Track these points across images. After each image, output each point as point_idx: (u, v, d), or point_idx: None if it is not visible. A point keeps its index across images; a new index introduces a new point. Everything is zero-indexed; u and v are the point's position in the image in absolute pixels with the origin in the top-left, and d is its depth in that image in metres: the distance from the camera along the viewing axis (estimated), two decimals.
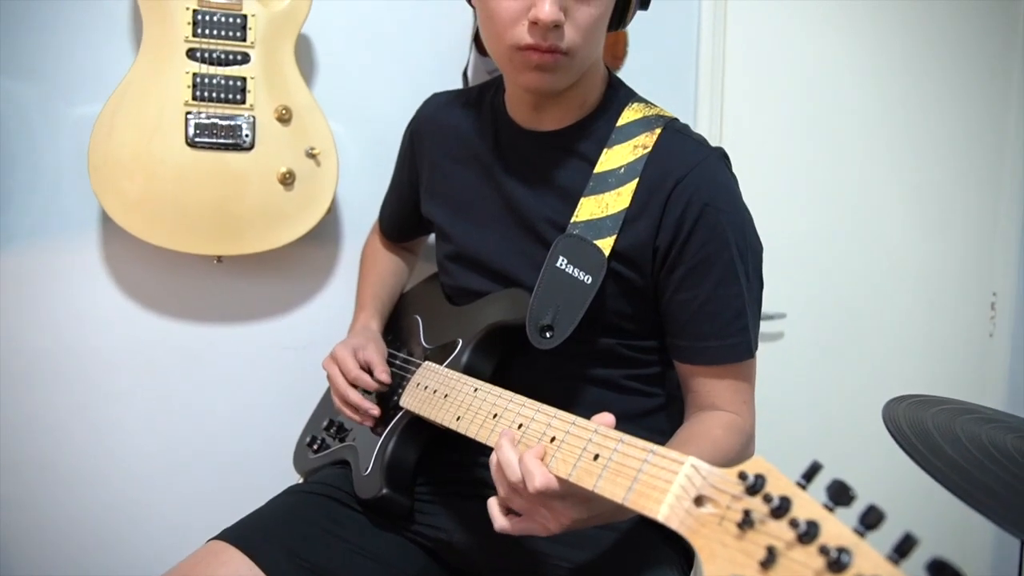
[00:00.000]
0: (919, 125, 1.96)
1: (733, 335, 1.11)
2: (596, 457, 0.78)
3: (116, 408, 1.59)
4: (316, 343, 1.64)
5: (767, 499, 0.61)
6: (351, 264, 1.63)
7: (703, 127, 1.80)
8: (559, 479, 0.81)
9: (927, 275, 2.00)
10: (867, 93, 1.92)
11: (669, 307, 1.13)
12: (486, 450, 1.20)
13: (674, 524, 0.67)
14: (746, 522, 0.62)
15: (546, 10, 0.99)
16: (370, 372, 1.22)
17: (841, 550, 0.55)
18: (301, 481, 1.37)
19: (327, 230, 1.63)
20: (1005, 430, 0.90)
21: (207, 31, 1.42)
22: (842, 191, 1.93)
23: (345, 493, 1.20)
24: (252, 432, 1.65)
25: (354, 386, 1.21)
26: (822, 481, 0.63)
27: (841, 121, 1.91)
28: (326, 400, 1.44)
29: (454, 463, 1.22)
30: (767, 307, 1.84)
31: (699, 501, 0.67)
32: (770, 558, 0.59)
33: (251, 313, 1.63)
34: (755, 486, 0.63)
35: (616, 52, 1.61)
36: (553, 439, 0.85)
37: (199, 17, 1.42)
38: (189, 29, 1.41)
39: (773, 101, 1.87)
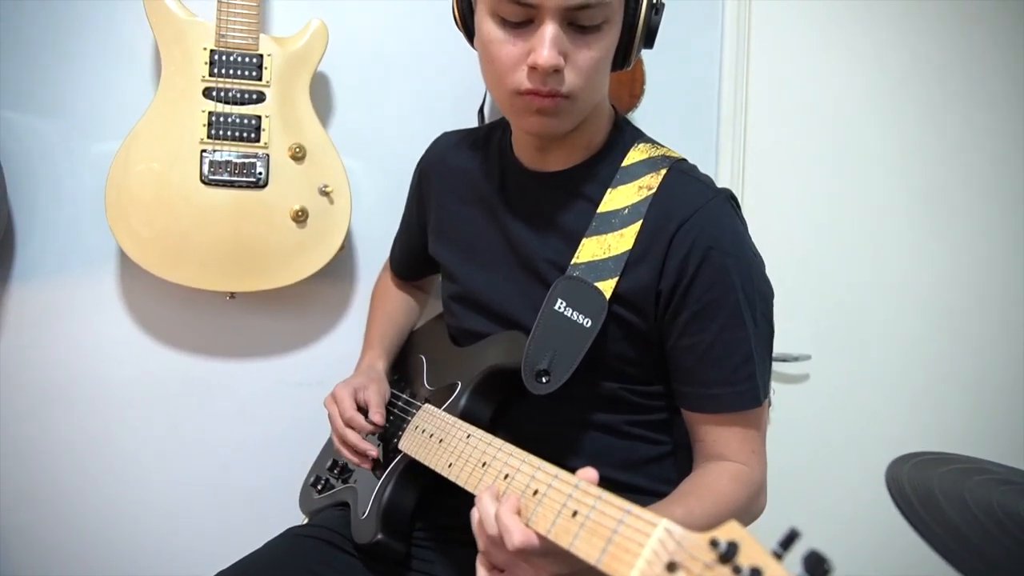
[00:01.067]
0: (949, 165, 1.90)
1: (740, 382, 1.07)
2: (575, 514, 0.75)
3: (129, 441, 1.60)
4: (328, 380, 1.62)
5: (736, 570, 0.58)
6: (364, 301, 1.62)
7: (725, 166, 1.77)
8: (538, 535, 0.79)
9: (959, 315, 1.93)
10: (893, 133, 1.87)
11: (673, 353, 1.10)
12: None
13: None
14: None
15: (544, 55, 0.97)
16: (365, 414, 1.20)
17: None
18: (306, 521, 1.36)
19: (340, 267, 1.63)
20: (1020, 493, 0.84)
21: (224, 71, 1.44)
22: (868, 231, 1.88)
23: (342, 537, 1.19)
24: (262, 468, 1.64)
25: (351, 427, 1.20)
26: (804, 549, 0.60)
27: (869, 161, 1.86)
28: (330, 442, 1.43)
29: (452, 508, 1.19)
30: (792, 348, 1.81)
31: (672, 567, 0.64)
32: None
33: (264, 349, 1.64)
34: (727, 554, 0.60)
35: (633, 91, 1.60)
36: (536, 492, 0.83)
37: (216, 57, 1.44)
38: (206, 69, 1.43)
39: (796, 140, 1.83)
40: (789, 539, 0.61)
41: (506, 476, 0.89)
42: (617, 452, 1.15)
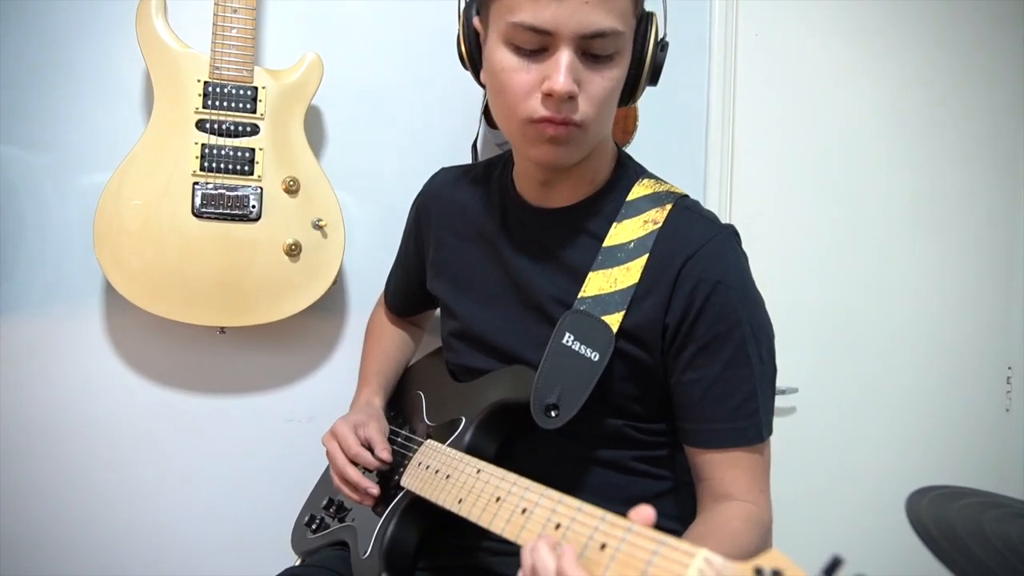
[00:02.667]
0: (933, 198, 1.95)
1: (743, 418, 1.07)
2: (603, 547, 0.74)
3: (115, 480, 1.55)
4: (319, 416, 1.62)
5: None
6: (356, 336, 1.60)
7: (712, 202, 1.79)
8: None
9: (941, 349, 1.97)
10: (880, 167, 1.92)
11: (678, 388, 1.09)
12: (487, 535, 1.16)
13: None
14: None
15: (561, 81, 0.98)
16: (371, 450, 1.18)
17: None
18: (298, 562, 1.33)
19: (333, 302, 1.61)
20: None
21: (217, 103, 1.43)
22: (854, 266, 1.91)
23: None
24: (252, 507, 1.60)
25: (354, 463, 1.17)
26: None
27: (856, 194, 1.91)
28: (326, 478, 1.40)
29: (456, 547, 1.18)
30: (779, 381, 1.82)
31: None
32: None
33: (254, 385, 1.61)
34: None
35: (627, 127, 1.61)
36: (558, 526, 0.81)
37: (209, 89, 1.43)
38: (199, 100, 1.42)
39: (783, 177, 1.87)
40: (833, 566, 0.60)
41: (523, 511, 0.87)
42: (622, 488, 1.14)
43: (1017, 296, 2.00)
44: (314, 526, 1.31)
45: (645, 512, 0.75)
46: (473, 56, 1.12)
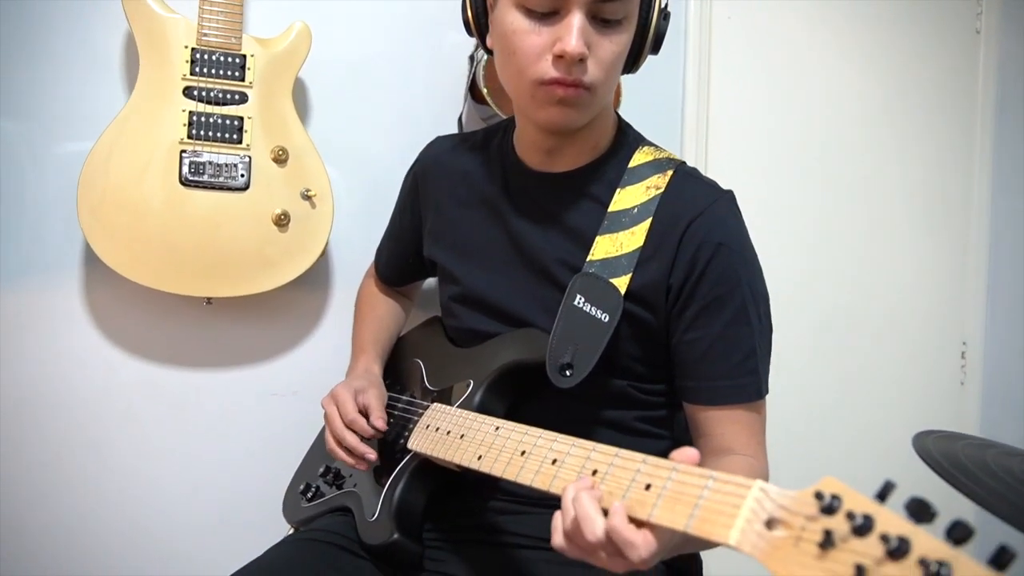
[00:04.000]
0: (895, 184, 2.03)
1: (743, 375, 1.11)
2: (648, 487, 0.76)
3: (97, 456, 1.51)
4: (303, 390, 1.61)
5: (850, 516, 0.60)
6: (342, 310, 1.60)
7: None
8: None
9: (898, 324, 2.05)
10: (850, 152, 1.99)
11: (679, 347, 1.12)
12: (495, 495, 1.18)
13: (746, 548, 0.65)
14: (827, 542, 0.61)
15: (573, 43, 1.00)
16: (367, 418, 1.18)
17: (940, 563, 0.54)
18: (291, 531, 1.32)
19: (319, 275, 1.60)
20: None
21: (205, 70, 1.41)
22: (821, 243, 1.98)
23: (351, 540, 1.15)
24: (237, 480, 1.58)
25: (351, 429, 1.17)
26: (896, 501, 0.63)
27: (822, 176, 1.97)
28: (319, 445, 1.39)
29: (464, 510, 1.19)
30: None
31: (769, 524, 0.66)
32: (860, 575, 0.57)
33: (239, 358, 1.58)
34: (832, 505, 0.62)
35: (613, 105, 1.64)
36: (595, 472, 0.83)
37: (197, 56, 1.40)
38: (187, 67, 1.40)
39: (756, 160, 1.92)
40: (886, 490, 0.64)
41: (554, 461, 0.89)
42: (625, 447, 1.16)
43: (971, 272, 2.10)
44: (309, 494, 1.31)
45: (689, 452, 0.77)
46: (479, 20, 1.13)
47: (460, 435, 1.06)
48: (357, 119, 1.63)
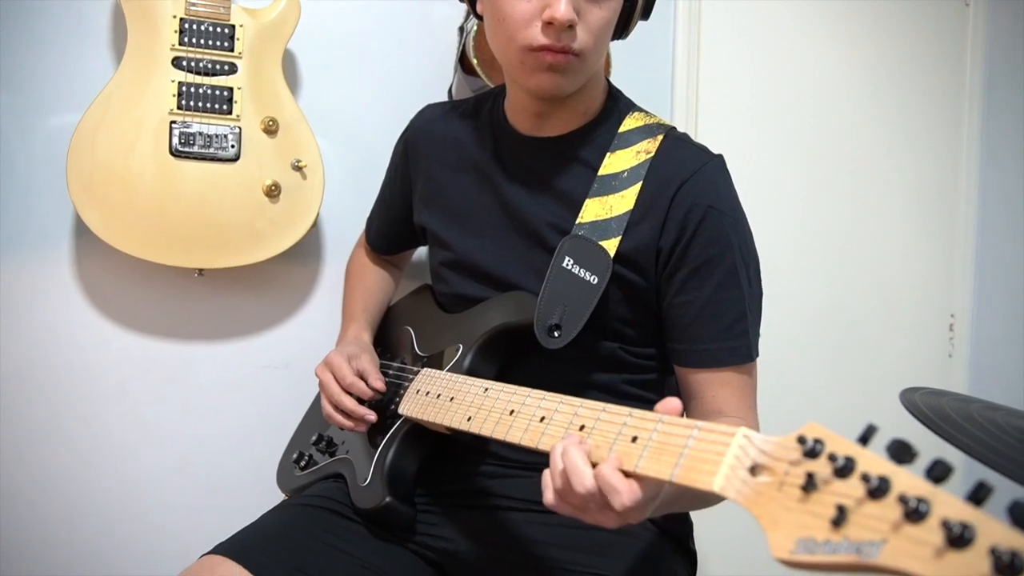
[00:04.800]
0: (885, 154, 2.03)
1: (734, 338, 1.11)
2: (634, 439, 0.77)
3: (89, 429, 1.51)
4: (295, 363, 1.61)
5: (832, 458, 0.61)
6: (333, 282, 1.60)
7: None
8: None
9: (890, 297, 2.06)
10: (832, 114, 1.99)
11: (670, 310, 1.13)
12: (486, 459, 1.19)
13: (730, 494, 0.66)
14: (809, 484, 0.61)
15: (562, 10, 1.00)
16: (365, 381, 1.19)
17: (919, 499, 0.55)
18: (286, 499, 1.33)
19: (310, 247, 1.60)
20: (1015, 416, 0.92)
21: (194, 40, 1.40)
22: (811, 214, 1.98)
23: (344, 506, 1.17)
24: (231, 452, 1.58)
25: (348, 393, 1.18)
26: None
27: (811, 148, 1.97)
28: (312, 415, 1.40)
29: (455, 474, 1.20)
30: None
31: (753, 471, 0.66)
32: (841, 516, 0.58)
33: (231, 330, 1.58)
34: (815, 449, 0.63)
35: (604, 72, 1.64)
36: (582, 427, 0.84)
37: (185, 26, 1.40)
38: (175, 38, 1.39)
39: (747, 128, 1.92)
40: (868, 433, 0.64)
41: (542, 419, 0.90)
42: None
43: (959, 245, 2.10)
44: (303, 463, 1.31)
45: (672, 403, 0.78)
46: None
47: (450, 398, 1.07)
48: (347, 90, 1.63)
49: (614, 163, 1.15)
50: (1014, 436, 0.83)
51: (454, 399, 1.06)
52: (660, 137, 1.15)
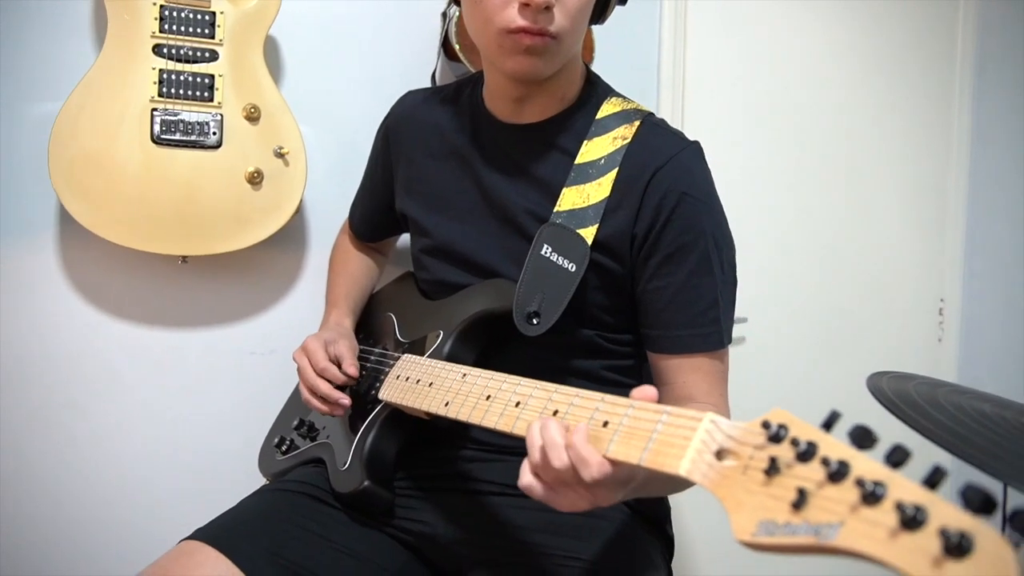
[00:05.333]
0: (874, 138, 2.04)
1: (706, 325, 1.12)
2: (606, 424, 0.78)
3: (75, 416, 1.51)
4: (281, 349, 1.62)
5: (794, 443, 0.62)
6: (317, 269, 1.61)
7: None
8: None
9: (880, 282, 2.07)
10: (827, 104, 1.99)
11: (643, 296, 1.14)
12: (465, 444, 1.20)
13: (696, 477, 0.67)
14: (772, 468, 0.62)
15: None
16: (339, 366, 1.19)
17: (876, 483, 0.56)
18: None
19: (294, 234, 1.60)
20: (980, 400, 0.93)
21: (174, 27, 1.40)
22: (800, 198, 1.99)
23: (322, 490, 1.18)
24: (216, 438, 1.59)
25: (323, 378, 1.19)
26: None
27: (801, 130, 1.98)
28: (294, 400, 1.41)
29: (434, 459, 1.21)
30: None
31: (719, 455, 0.67)
32: (801, 499, 0.59)
33: (216, 317, 1.59)
34: (779, 434, 0.64)
35: (584, 58, 1.63)
36: (556, 412, 0.85)
37: (166, 13, 1.39)
38: (156, 25, 1.39)
39: (732, 106, 1.92)
40: (831, 419, 0.65)
41: (517, 404, 0.90)
42: None
43: (949, 230, 2.11)
44: (284, 447, 1.32)
45: (648, 390, 0.78)
46: None
47: (429, 383, 1.08)
48: (331, 77, 1.62)
49: (591, 150, 1.15)
50: (976, 420, 0.84)
51: (433, 384, 1.07)
52: (637, 123, 1.16)
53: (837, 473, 0.58)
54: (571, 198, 1.13)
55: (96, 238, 1.38)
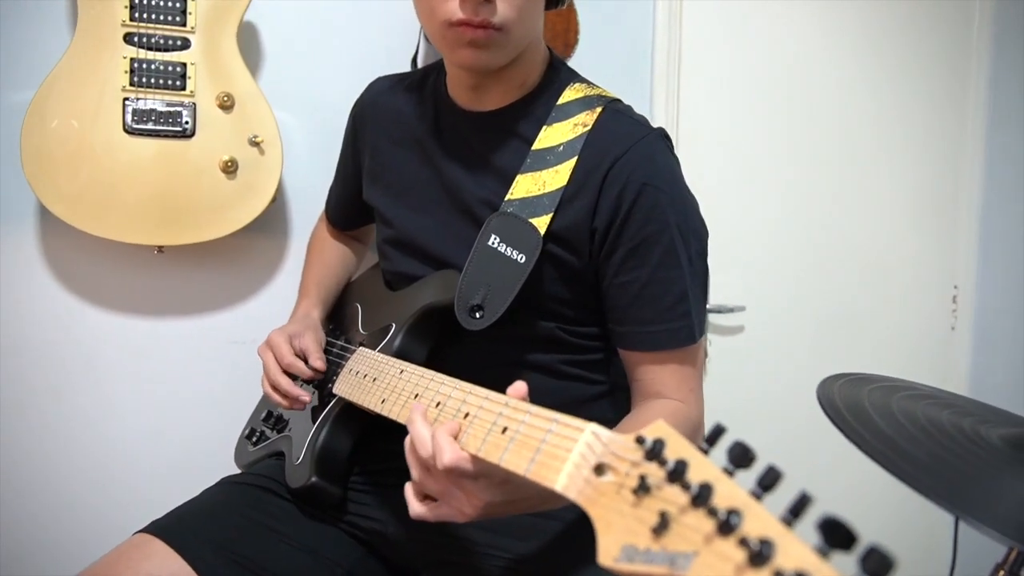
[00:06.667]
0: (881, 118, 1.94)
1: (675, 319, 1.07)
2: (504, 430, 0.75)
3: (55, 405, 1.54)
4: (262, 338, 1.60)
5: (662, 463, 0.58)
6: (298, 256, 1.59)
7: (659, 116, 1.77)
8: (472, 457, 0.78)
9: (889, 268, 1.98)
10: (829, 84, 1.90)
11: (609, 291, 1.09)
12: None
13: (572, 494, 0.64)
14: (642, 488, 0.58)
15: None
16: (305, 360, 1.18)
17: (731, 511, 0.51)
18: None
19: (274, 221, 1.59)
20: (941, 406, 0.86)
21: (145, 15, 1.39)
22: (803, 183, 1.91)
23: (279, 484, 1.17)
24: (197, 428, 1.60)
25: (288, 374, 1.17)
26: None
27: (802, 112, 1.89)
28: None
29: (391, 452, 1.18)
30: (726, 299, 1.83)
31: (600, 469, 0.64)
32: (662, 524, 0.55)
33: (195, 306, 1.59)
34: (653, 450, 0.60)
35: (568, 40, 1.59)
36: (467, 415, 0.82)
37: (136, 1, 1.38)
38: (126, 13, 1.38)
39: (731, 90, 1.84)
40: (715, 434, 0.61)
41: (437, 404, 0.88)
42: (554, 392, 1.15)
43: (962, 215, 2.01)
44: (254, 439, 1.32)
45: (517, 386, 0.80)
46: None
47: (373, 379, 1.06)
48: (311, 61, 1.61)
49: (549, 136, 1.11)
50: (924, 431, 0.78)
51: (376, 380, 1.05)
52: (599, 109, 1.11)
53: (698, 497, 0.54)
54: (525, 185, 1.09)
55: (72, 227, 1.39)
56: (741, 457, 0.57)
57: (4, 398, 1.51)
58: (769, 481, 0.54)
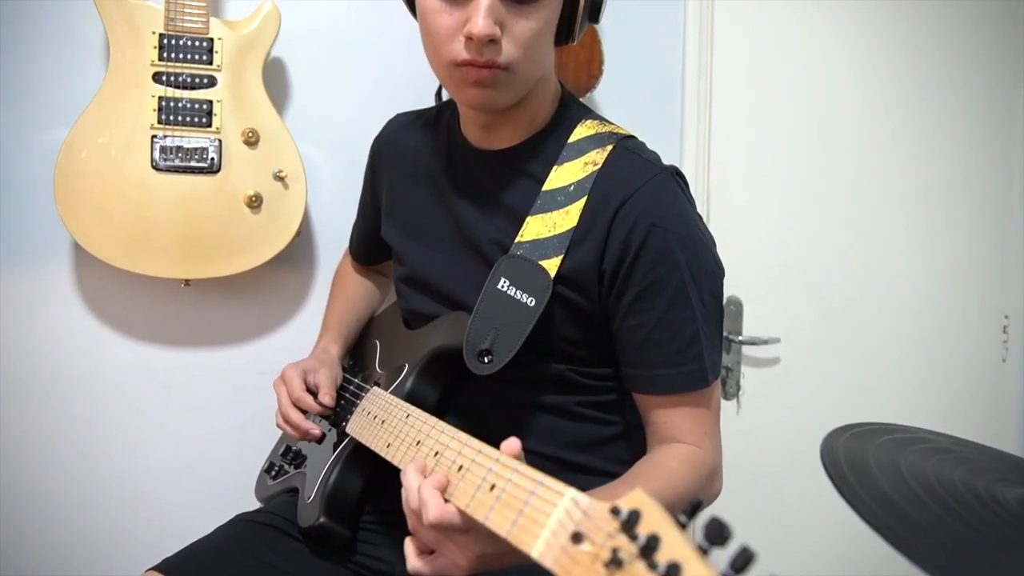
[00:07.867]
0: (921, 136, 1.88)
1: (687, 362, 1.05)
2: (492, 487, 0.74)
3: (84, 435, 1.57)
4: None
5: (633, 537, 0.56)
6: (323, 289, 1.61)
7: (689, 149, 1.74)
8: (460, 511, 0.77)
9: (934, 297, 1.91)
10: (866, 107, 1.85)
11: (620, 334, 1.08)
12: None
13: (548, 562, 0.62)
14: (614, 562, 0.57)
15: (479, 24, 0.96)
16: (315, 396, 1.19)
17: None
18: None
19: (299, 254, 1.61)
20: (956, 461, 0.83)
21: (173, 55, 1.42)
22: (840, 210, 1.85)
23: (289, 523, 1.17)
24: (222, 459, 1.61)
25: (298, 407, 1.18)
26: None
27: (838, 136, 1.84)
28: None
29: (396, 491, 1.18)
30: (761, 331, 1.79)
31: (577, 538, 0.62)
32: None
33: (222, 338, 1.61)
34: (627, 522, 0.58)
35: (592, 71, 1.58)
36: (461, 467, 0.81)
37: (165, 41, 1.42)
38: (155, 53, 1.41)
39: (764, 117, 1.80)
40: (693, 508, 0.59)
41: (436, 453, 0.87)
42: (568, 433, 1.14)
43: (1013, 244, 1.93)
44: (273, 472, 1.33)
45: (509, 444, 0.79)
46: None
47: (382, 421, 1.06)
48: (339, 94, 1.62)
49: (560, 176, 1.10)
50: (929, 490, 0.75)
51: (384, 423, 1.05)
52: (609, 147, 1.10)
53: None
54: (535, 227, 1.08)
55: (102, 261, 1.43)
56: (716, 534, 0.55)
57: (39, 429, 1.55)
58: (741, 564, 0.52)
